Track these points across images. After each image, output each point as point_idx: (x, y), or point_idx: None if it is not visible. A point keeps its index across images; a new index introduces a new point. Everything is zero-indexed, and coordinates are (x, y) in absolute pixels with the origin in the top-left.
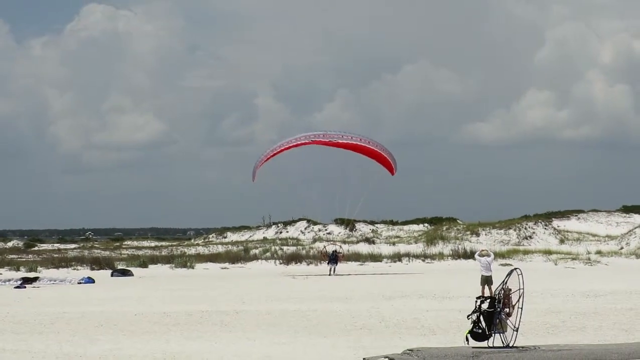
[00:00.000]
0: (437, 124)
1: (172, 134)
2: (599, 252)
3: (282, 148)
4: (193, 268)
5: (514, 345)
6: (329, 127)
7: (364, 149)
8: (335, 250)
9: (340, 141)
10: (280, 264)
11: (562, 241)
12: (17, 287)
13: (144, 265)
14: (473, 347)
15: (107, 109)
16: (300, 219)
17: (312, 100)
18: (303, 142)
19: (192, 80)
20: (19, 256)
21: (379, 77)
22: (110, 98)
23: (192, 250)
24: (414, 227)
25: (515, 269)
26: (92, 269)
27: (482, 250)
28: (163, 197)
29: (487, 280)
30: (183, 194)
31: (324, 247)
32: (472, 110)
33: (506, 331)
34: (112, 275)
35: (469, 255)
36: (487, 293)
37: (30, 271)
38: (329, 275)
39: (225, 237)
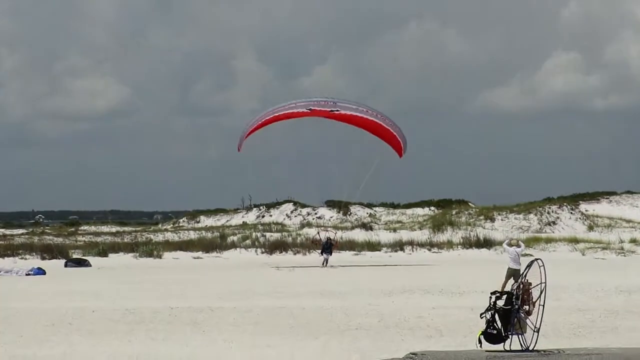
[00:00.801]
0: (447, 90)
1: (136, 101)
2: (633, 241)
3: (278, 115)
4: (160, 258)
5: (535, 348)
6: (321, 95)
7: (370, 124)
8: (330, 238)
9: (343, 112)
10: (263, 253)
11: (590, 228)
12: None
13: (103, 254)
14: (487, 351)
15: (60, 71)
16: (286, 201)
17: (301, 63)
18: (301, 111)
19: (159, 39)
20: None
21: (379, 36)
22: (64, 59)
23: (159, 237)
24: (419, 210)
25: (537, 259)
26: (43, 258)
27: (512, 239)
28: (126, 175)
29: (514, 274)
30: (149, 171)
31: (317, 233)
32: (488, 75)
33: (525, 332)
34: (66, 265)
35: (482, 243)
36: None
37: None
38: (322, 266)
39: (198, 222)
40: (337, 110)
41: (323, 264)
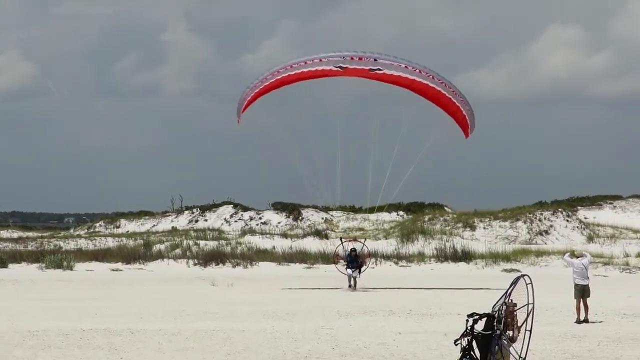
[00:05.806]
0: None
1: (44, 80)
2: None
3: (297, 74)
4: (71, 269)
5: None
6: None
7: (426, 91)
8: (354, 249)
9: (389, 72)
10: (195, 265)
11: (590, 238)
12: None
13: (1, 264)
14: None
15: None
16: (224, 203)
17: (244, 37)
18: (329, 69)
19: (72, 5)
20: None
21: (338, 4)
22: None
23: (70, 245)
24: (384, 216)
25: (523, 275)
26: None
27: (576, 250)
28: (30, 169)
29: (584, 292)
30: (59, 165)
31: (341, 242)
32: (468, 54)
33: None
34: None
35: (459, 256)
36: (582, 311)
37: None
38: (350, 288)
39: (117, 227)
40: (380, 70)
41: (350, 283)
